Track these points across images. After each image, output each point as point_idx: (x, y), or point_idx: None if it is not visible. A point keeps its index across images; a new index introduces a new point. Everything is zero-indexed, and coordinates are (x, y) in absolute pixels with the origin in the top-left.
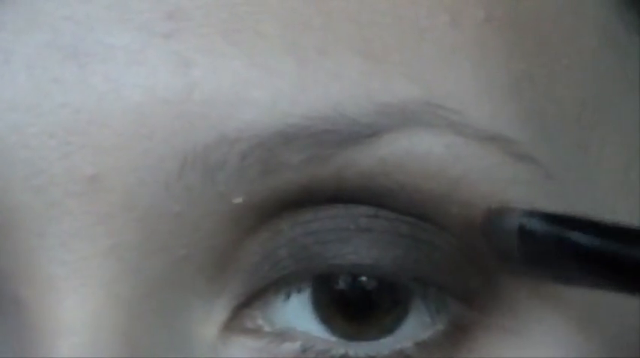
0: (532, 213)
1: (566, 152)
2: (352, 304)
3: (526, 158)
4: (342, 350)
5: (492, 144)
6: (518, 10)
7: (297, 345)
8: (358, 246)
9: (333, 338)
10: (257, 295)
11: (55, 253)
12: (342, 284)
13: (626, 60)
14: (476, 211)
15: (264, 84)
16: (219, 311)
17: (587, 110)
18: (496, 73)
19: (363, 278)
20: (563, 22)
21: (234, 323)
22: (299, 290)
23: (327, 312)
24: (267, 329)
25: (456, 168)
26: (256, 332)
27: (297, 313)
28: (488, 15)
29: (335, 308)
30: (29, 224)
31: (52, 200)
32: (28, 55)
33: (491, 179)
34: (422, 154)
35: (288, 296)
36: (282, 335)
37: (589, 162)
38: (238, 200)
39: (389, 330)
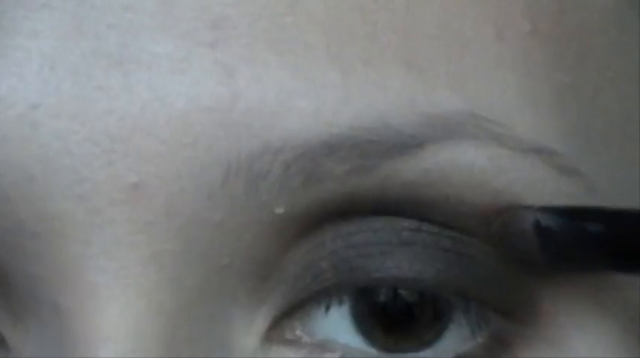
0: (546, 209)
1: (610, 166)
2: (392, 317)
3: (570, 171)
4: None
5: (536, 157)
6: (563, 23)
7: (336, 356)
8: (400, 259)
9: (373, 350)
10: (298, 306)
11: (97, 261)
12: (382, 297)
13: None
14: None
15: (308, 94)
16: (259, 322)
17: (633, 123)
18: (541, 86)
19: (404, 292)
20: (608, 35)
21: (275, 333)
22: (340, 303)
23: (367, 325)
24: (307, 340)
25: (500, 180)
26: (296, 342)
27: (336, 325)
28: (534, 27)
29: (375, 320)
30: (71, 231)
31: (94, 208)
32: (73, 63)
33: (534, 191)
34: (466, 166)
35: (328, 307)
36: (322, 346)
37: (633, 176)
38: (280, 210)
39: (428, 343)
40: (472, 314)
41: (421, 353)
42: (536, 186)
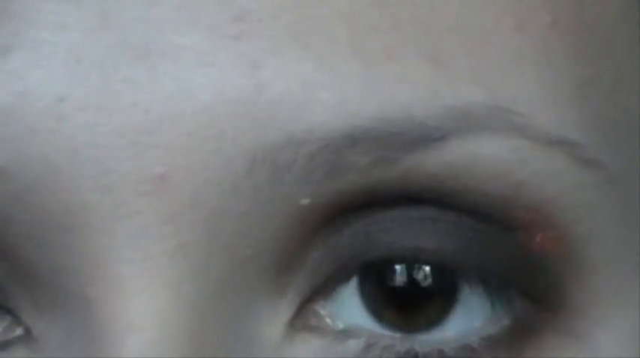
0: None
1: (631, 157)
2: (405, 294)
3: (591, 162)
4: (407, 345)
5: (558, 148)
6: (583, 15)
7: (361, 342)
8: (421, 230)
9: (388, 332)
10: (320, 292)
11: (123, 252)
12: (397, 275)
13: None
14: (541, 214)
15: (331, 86)
16: (283, 311)
17: None
18: (562, 77)
19: (419, 269)
20: (626, 27)
21: (298, 321)
22: (356, 279)
23: (377, 304)
24: (331, 326)
25: (522, 171)
26: (321, 329)
27: (353, 307)
28: (554, 19)
29: (387, 299)
30: (98, 223)
31: (121, 199)
32: (99, 55)
33: (556, 183)
34: (488, 158)
35: (347, 285)
36: (347, 332)
37: None
38: (305, 201)
39: (442, 324)
40: (494, 295)
41: (439, 334)
42: (558, 177)
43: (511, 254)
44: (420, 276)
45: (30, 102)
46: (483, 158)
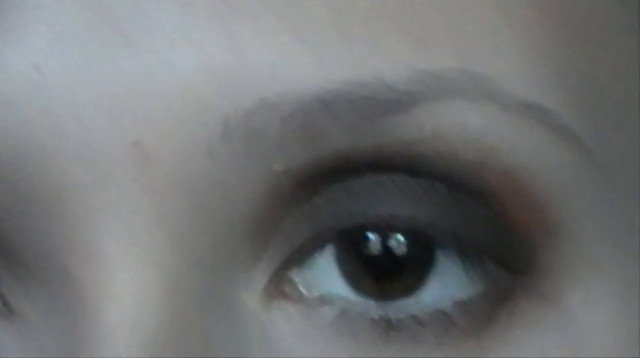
0: None
1: (600, 126)
2: (380, 264)
3: (562, 128)
4: (381, 312)
5: (529, 114)
6: None
7: (336, 309)
8: (396, 199)
9: (362, 300)
10: (295, 258)
11: (103, 223)
12: (372, 243)
13: None
14: (511, 180)
15: (305, 50)
16: (259, 277)
17: (623, 89)
18: (534, 45)
19: (394, 240)
20: (607, 13)
21: (274, 288)
22: (332, 248)
23: (353, 272)
24: (306, 294)
25: (492, 136)
26: (295, 296)
27: (328, 275)
28: None
29: (362, 267)
30: (77, 194)
31: (99, 170)
32: (77, 28)
33: (526, 148)
34: (459, 122)
35: (322, 253)
36: (322, 299)
37: (625, 141)
38: (279, 167)
39: (420, 289)
40: (467, 260)
41: (414, 300)
42: (528, 143)
43: (484, 220)
44: (394, 244)
45: (8, 77)
46: (454, 122)
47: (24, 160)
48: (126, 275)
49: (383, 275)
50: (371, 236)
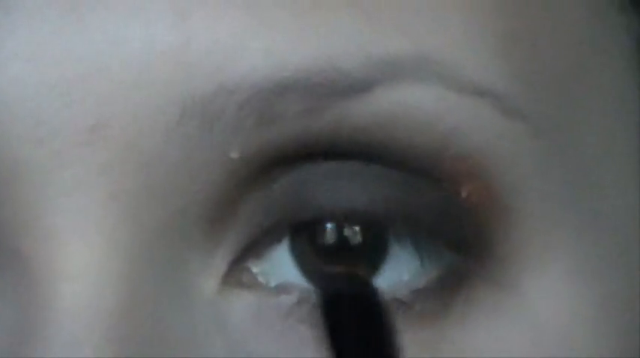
0: None
1: (555, 111)
2: (336, 252)
3: (515, 114)
4: None
5: (483, 99)
6: None
7: (293, 297)
8: (350, 190)
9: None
10: (252, 247)
11: (57, 203)
12: (327, 233)
13: (612, 34)
14: (466, 164)
15: (260, 35)
16: (217, 265)
17: (573, 74)
18: (487, 29)
19: (347, 228)
20: None
21: (232, 276)
22: (289, 239)
23: (307, 262)
24: (263, 283)
25: (447, 121)
26: (253, 286)
27: (286, 265)
28: None
29: (316, 257)
30: (31, 175)
31: (53, 150)
32: (28, 8)
33: (481, 133)
34: (413, 108)
35: (279, 244)
36: (279, 288)
37: (576, 124)
38: (235, 154)
39: (374, 276)
40: (423, 247)
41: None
42: (482, 129)
43: (439, 206)
44: (349, 234)
45: None
46: (409, 108)
47: None
48: (80, 254)
49: (339, 265)
50: (327, 226)
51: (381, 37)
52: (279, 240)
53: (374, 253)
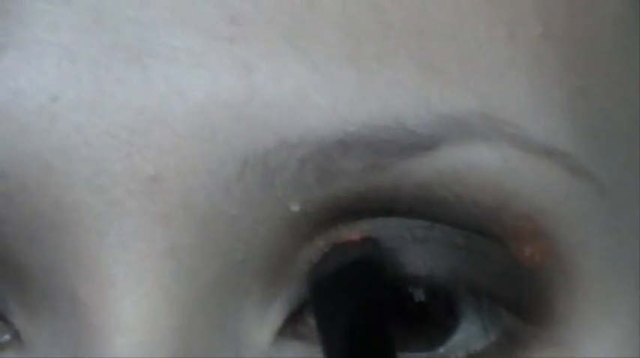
0: None
1: (619, 169)
2: (404, 315)
3: (581, 173)
4: None
5: (549, 159)
6: (574, 26)
7: None
8: (414, 256)
9: None
10: (310, 302)
11: (115, 252)
12: (392, 296)
13: None
14: (531, 224)
15: (324, 90)
16: (272, 317)
17: (637, 128)
18: (552, 88)
19: (415, 290)
20: (617, 41)
21: (288, 329)
22: None
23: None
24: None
25: (512, 181)
26: (309, 338)
27: None
28: (546, 30)
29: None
30: (90, 223)
31: (112, 199)
32: (92, 56)
33: (546, 193)
34: (478, 167)
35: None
36: None
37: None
38: (295, 207)
39: (439, 343)
40: (484, 312)
41: (432, 353)
42: (548, 188)
43: (501, 268)
44: (415, 298)
45: (22, 102)
46: (474, 167)
47: (37, 187)
48: (135, 304)
49: (400, 324)
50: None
51: (447, 94)
52: None
53: (440, 317)
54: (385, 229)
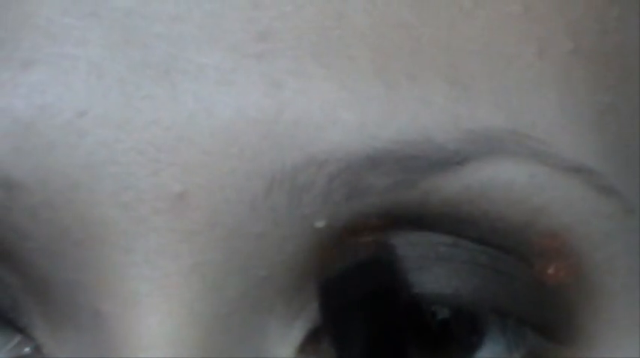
0: None
1: None
2: (427, 333)
3: (609, 191)
4: None
5: (576, 176)
6: (604, 43)
7: None
8: (438, 275)
9: None
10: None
11: (140, 269)
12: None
13: None
14: (557, 242)
15: (353, 107)
16: (295, 334)
17: None
18: (581, 105)
19: (439, 308)
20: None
21: (310, 346)
22: None
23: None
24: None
25: (539, 197)
26: (330, 354)
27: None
28: (576, 46)
29: (410, 338)
30: (115, 239)
31: (138, 216)
32: (121, 72)
33: (573, 210)
34: (506, 182)
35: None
36: None
37: None
38: (321, 223)
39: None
40: (509, 331)
41: None
42: (575, 205)
43: (526, 288)
44: (439, 317)
45: (50, 117)
46: (501, 182)
47: (63, 202)
48: (159, 321)
49: (424, 342)
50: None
51: (476, 110)
52: None
53: (465, 338)
54: (410, 246)
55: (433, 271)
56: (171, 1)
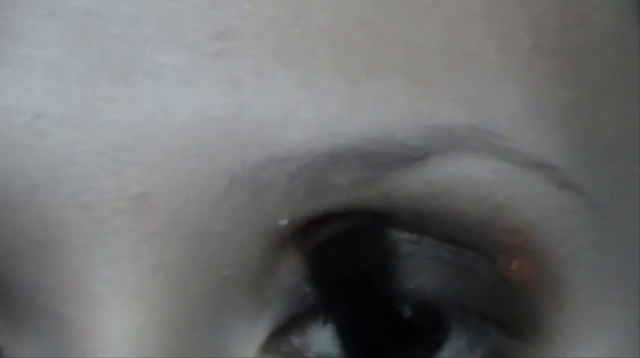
0: None
1: (610, 182)
2: (392, 329)
3: (571, 186)
4: None
5: (538, 171)
6: (566, 39)
7: None
8: (400, 272)
9: None
10: (296, 318)
11: (100, 271)
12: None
13: None
14: (520, 238)
15: (313, 104)
16: (258, 333)
17: (632, 141)
18: (543, 100)
19: (402, 306)
20: (609, 53)
21: (273, 345)
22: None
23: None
24: (305, 353)
25: (502, 193)
26: (294, 356)
27: (332, 339)
28: (536, 42)
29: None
30: (75, 240)
31: (99, 217)
32: (79, 73)
33: (535, 206)
34: (468, 178)
35: (325, 322)
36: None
37: (634, 194)
38: (284, 221)
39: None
40: (471, 328)
41: None
42: (538, 201)
43: (489, 284)
44: (404, 313)
45: (8, 119)
46: (463, 179)
47: (22, 204)
48: (121, 322)
49: (387, 340)
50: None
51: (437, 106)
52: (323, 311)
53: (428, 334)
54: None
55: (395, 268)
56: (130, 1)
